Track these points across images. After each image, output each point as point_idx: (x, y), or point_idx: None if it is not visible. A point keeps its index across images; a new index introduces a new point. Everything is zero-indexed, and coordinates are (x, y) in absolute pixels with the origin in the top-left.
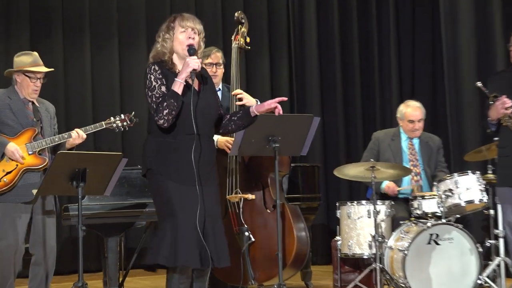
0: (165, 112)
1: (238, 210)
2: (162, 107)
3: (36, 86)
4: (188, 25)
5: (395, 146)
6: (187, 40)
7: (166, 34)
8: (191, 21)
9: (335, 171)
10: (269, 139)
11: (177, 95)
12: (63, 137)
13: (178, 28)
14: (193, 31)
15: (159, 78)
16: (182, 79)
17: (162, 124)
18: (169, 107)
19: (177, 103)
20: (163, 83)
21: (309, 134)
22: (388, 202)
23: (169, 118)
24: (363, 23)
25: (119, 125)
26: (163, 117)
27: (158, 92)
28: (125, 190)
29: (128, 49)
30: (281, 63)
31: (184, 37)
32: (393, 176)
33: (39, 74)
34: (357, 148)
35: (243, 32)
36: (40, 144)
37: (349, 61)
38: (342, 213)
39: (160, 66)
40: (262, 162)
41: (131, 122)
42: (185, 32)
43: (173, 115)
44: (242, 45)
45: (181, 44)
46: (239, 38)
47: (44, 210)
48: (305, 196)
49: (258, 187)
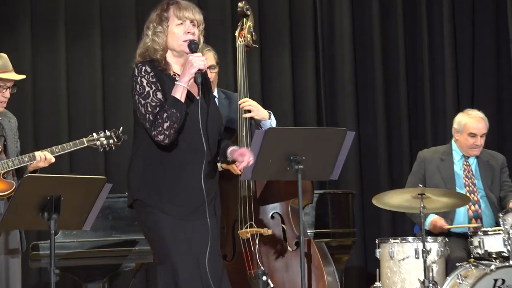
0: (165, 125)
1: (252, 248)
2: (162, 119)
3: (4, 97)
4: (186, 16)
5: (446, 168)
6: (185, 35)
7: (158, 26)
8: (189, 11)
9: (374, 200)
10: (291, 159)
11: (179, 103)
12: (34, 157)
13: (173, 20)
14: (192, 23)
15: (153, 82)
16: (185, 83)
17: (161, 141)
18: (170, 119)
19: (180, 114)
20: (158, 88)
21: (341, 153)
22: (441, 239)
23: (171, 133)
24: (409, 14)
25: (104, 143)
26: (162, 132)
27: (154, 99)
28: (109, 223)
29: (114, 44)
30: (305, 65)
31: (181, 32)
32: (447, 205)
33: (8, 83)
34: (401, 171)
35: (249, 27)
36: (5, 165)
37: (392, 61)
38: (383, 252)
39: (152, 67)
40: (281, 188)
41: (118, 140)
42: (183, 25)
43: (176, 129)
44: (250, 43)
45: (177, 39)
46: (245, 34)
47: (7, 249)
48: (336, 231)
49: (276, 219)
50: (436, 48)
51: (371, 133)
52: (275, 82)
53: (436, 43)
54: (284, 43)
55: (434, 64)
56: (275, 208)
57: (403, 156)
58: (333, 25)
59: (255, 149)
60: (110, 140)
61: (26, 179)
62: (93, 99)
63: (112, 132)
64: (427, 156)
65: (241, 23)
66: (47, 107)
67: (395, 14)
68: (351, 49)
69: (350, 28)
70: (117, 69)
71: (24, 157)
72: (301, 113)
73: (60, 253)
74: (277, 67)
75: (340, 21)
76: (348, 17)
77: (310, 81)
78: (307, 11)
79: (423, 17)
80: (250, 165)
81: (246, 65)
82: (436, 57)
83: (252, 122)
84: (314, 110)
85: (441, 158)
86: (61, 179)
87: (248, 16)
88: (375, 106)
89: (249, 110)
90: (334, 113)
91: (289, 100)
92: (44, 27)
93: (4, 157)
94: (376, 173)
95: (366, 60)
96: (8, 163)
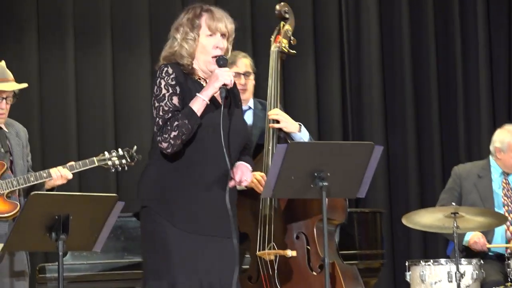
0: (172, 134)
1: (272, 271)
2: (171, 126)
3: (1, 108)
4: (218, 29)
5: (484, 185)
6: (214, 50)
7: (190, 32)
8: (222, 23)
9: (404, 219)
10: (315, 175)
11: (194, 116)
12: (41, 176)
13: (204, 29)
14: (223, 35)
15: (172, 85)
16: (207, 97)
17: (164, 149)
18: (179, 129)
19: (192, 126)
20: (175, 93)
21: (369, 169)
22: (476, 261)
23: (176, 143)
24: (441, 19)
25: (116, 163)
26: (168, 140)
27: (168, 104)
28: (121, 244)
29: (125, 52)
30: (330, 73)
31: (210, 45)
32: (482, 225)
33: (4, 94)
34: (433, 188)
35: (287, 31)
36: (10, 184)
37: (422, 70)
38: (414, 275)
39: (176, 69)
40: (306, 206)
41: (131, 160)
42: (213, 37)
43: (183, 140)
44: (285, 49)
45: (205, 52)
46: (280, 39)
47: (13, 271)
48: (364, 253)
49: (300, 240)
50: (470, 56)
51: (400, 147)
52: (298, 92)
53: (469, 51)
54: (308, 51)
55: (468, 74)
56: (300, 227)
57: (435, 172)
58: (359, 31)
59: (277, 164)
60: (123, 160)
61: (32, 197)
62: (103, 110)
63: (125, 152)
64: (463, 173)
65: (278, 27)
66: (54, 118)
67: (426, 20)
68: (379, 56)
69: (378, 34)
70: (129, 78)
71: (43, 173)
72: (325, 126)
73: (68, 276)
74: (300, 76)
75: (367, 28)
76: (376, 24)
77: (335, 92)
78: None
79: (455, 23)
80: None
81: (280, 73)
82: (470, 66)
83: (280, 135)
84: (340, 124)
85: (478, 174)
86: (69, 197)
87: (287, 20)
88: (405, 118)
89: (277, 120)
90: (360, 127)
91: (313, 112)
92: (52, 34)
93: (10, 175)
94: (406, 190)
95: (395, 68)
96: (13, 182)
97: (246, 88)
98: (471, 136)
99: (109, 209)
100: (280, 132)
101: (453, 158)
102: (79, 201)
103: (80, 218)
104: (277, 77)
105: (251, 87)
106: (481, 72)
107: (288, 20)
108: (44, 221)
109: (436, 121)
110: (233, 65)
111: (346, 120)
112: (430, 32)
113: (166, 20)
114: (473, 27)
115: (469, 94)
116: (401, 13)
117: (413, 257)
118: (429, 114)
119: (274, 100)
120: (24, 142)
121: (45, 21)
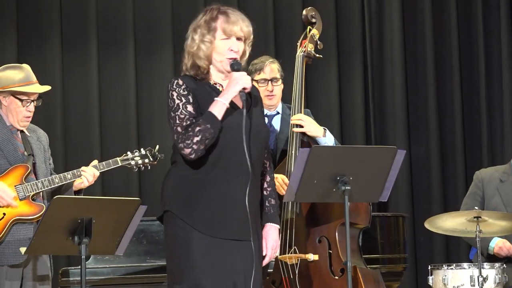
0: (195, 139)
1: (293, 275)
2: (193, 132)
3: (29, 111)
4: (233, 32)
5: (506, 190)
6: (229, 52)
7: (207, 35)
8: (237, 26)
9: (427, 223)
10: (337, 179)
11: (216, 120)
12: (65, 178)
13: (219, 32)
14: (239, 39)
15: (184, 95)
16: (226, 100)
17: (188, 155)
18: (203, 134)
19: (214, 130)
20: (188, 101)
21: (391, 173)
22: (499, 265)
23: (200, 148)
24: (464, 23)
25: (139, 162)
26: (191, 145)
27: (184, 112)
28: (143, 248)
29: (148, 57)
30: (352, 78)
31: (225, 47)
32: (505, 229)
33: (33, 96)
34: (456, 192)
35: (313, 36)
36: (35, 186)
37: (446, 73)
38: (436, 280)
39: (186, 80)
40: (328, 210)
41: (154, 159)
42: (228, 40)
43: (206, 145)
44: (311, 53)
45: (220, 55)
46: (306, 44)
47: (36, 275)
48: (386, 257)
49: (322, 244)
50: (493, 59)
51: (423, 151)
52: (321, 96)
53: (493, 54)
54: (331, 56)
55: (491, 77)
56: (323, 231)
57: (458, 176)
58: (382, 35)
59: (299, 168)
60: (146, 160)
61: (55, 201)
62: (126, 115)
63: (148, 151)
64: (485, 177)
65: (305, 32)
66: (77, 122)
67: (448, 23)
68: (401, 60)
69: (401, 38)
70: (152, 84)
71: (68, 174)
72: (348, 130)
73: (91, 280)
74: (323, 81)
75: (390, 32)
76: (398, 28)
77: (358, 97)
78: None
79: (478, 26)
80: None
81: (304, 78)
82: (493, 69)
83: (304, 139)
84: (362, 128)
85: (500, 179)
86: (92, 201)
87: (314, 24)
88: (428, 122)
89: (301, 125)
90: (383, 131)
91: (336, 116)
92: (75, 39)
93: (33, 178)
94: (429, 194)
95: (418, 73)
96: (38, 184)
97: (274, 94)
98: (494, 140)
99: (131, 212)
100: (304, 136)
101: (475, 162)
102: (102, 204)
103: (103, 221)
104: (301, 82)
105: (278, 92)
106: (504, 74)
107: (315, 24)
108: (67, 224)
109: (459, 124)
110: (260, 71)
111: (368, 124)
112: (453, 35)
113: (188, 22)
114: (496, 29)
115: (492, 97)
116: (424, 17)
117: (436, 261)
118: (452, 118)
119: (298, 104)
120: (45, 146)
121: (68, 26)
